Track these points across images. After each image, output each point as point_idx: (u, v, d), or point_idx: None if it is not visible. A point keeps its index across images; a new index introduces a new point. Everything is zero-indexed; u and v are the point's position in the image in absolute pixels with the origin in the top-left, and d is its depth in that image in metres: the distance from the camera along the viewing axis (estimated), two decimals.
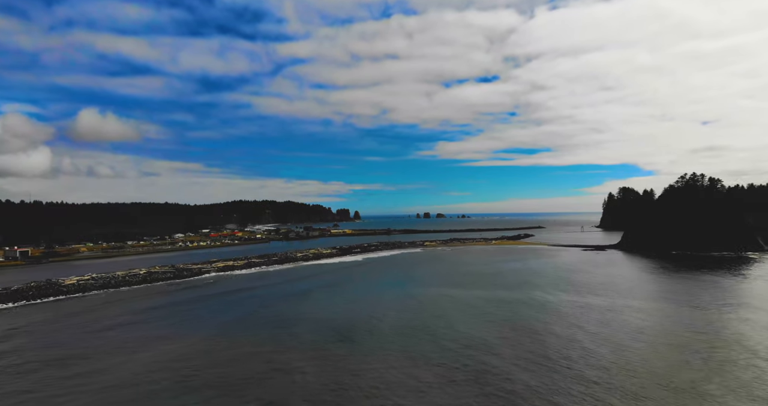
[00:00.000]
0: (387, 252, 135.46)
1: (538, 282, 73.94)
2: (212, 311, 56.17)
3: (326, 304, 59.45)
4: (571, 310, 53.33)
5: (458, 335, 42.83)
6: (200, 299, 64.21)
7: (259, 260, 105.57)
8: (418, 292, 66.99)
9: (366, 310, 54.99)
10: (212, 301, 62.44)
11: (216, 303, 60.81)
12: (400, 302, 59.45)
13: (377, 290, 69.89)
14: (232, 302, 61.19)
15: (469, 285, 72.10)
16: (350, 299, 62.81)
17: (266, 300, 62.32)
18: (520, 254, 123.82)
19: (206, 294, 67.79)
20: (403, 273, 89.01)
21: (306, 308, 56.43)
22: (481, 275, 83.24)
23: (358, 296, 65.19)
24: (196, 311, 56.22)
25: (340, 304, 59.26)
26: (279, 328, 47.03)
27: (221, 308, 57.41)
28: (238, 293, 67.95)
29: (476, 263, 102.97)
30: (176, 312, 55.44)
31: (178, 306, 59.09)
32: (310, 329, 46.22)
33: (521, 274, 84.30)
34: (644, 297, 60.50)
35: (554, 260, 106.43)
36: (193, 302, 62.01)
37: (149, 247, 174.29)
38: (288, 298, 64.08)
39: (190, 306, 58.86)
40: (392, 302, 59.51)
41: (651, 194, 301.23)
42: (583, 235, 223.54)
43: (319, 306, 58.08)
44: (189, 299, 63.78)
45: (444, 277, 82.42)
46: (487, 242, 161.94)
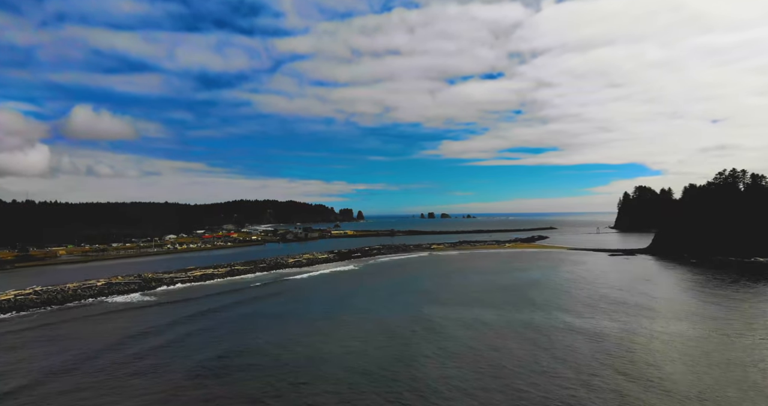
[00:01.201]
0: (390, 256, 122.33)
1: (579, 300, 60.48)
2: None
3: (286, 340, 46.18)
4: (644, 348, 39.81)
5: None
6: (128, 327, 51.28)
7: (244, 267, 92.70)
8: (428, 317, 53.64)
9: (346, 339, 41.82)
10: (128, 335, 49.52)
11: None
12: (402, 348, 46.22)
13: (373, 310, 56.67)
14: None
15: (490, 303, 58.72)
16: (321, 335, 49.49)
17: (212, 334, 49.07)
18: (540, 260, 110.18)
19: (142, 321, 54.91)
20: (407, 287, 75.63)
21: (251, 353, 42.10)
22: (501, 290, 69.76)
23: (338, 325, 51.95)
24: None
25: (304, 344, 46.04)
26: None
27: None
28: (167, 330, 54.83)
29: (491, 272, 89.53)
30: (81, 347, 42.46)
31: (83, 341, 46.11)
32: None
33: (550, 288, 70.76)
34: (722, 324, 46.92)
35: (580, 269, 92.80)
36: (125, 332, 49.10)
37: (135, 249, 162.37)
38: (243, 328, 50.96)
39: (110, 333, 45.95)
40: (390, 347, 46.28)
41: (669, 193, 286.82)
42: (601, 237, 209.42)
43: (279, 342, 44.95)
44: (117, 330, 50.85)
45: (457, 291, 69.02)
46: (500, 245, 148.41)
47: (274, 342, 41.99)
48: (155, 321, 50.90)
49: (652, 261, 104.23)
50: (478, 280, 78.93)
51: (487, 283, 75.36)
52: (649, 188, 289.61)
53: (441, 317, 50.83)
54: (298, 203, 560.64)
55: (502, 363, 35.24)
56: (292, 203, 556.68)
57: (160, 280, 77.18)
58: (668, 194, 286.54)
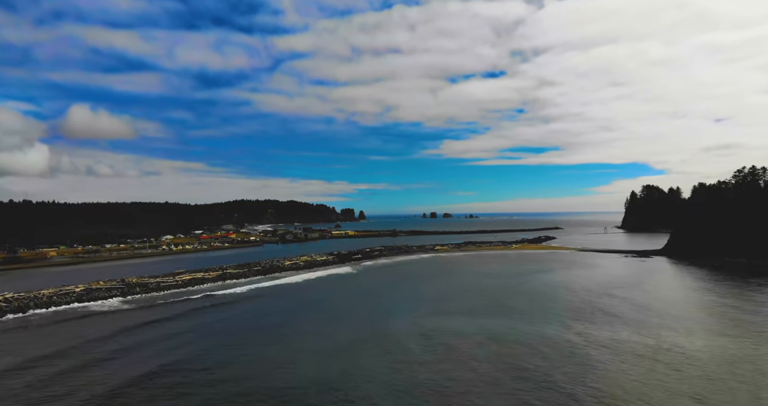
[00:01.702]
0: (392, 258, 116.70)
1: (600, 308, 54.73)
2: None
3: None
4: (694, 368, 34.10)
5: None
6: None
7: (237, 270, 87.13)
8: (435, 332, 47.99)
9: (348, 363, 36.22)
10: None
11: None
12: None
13: (364, 320, 51.04)
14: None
15: (500, 312, 53.01)
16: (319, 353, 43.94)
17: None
18: (550, 262, 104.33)
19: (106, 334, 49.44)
20: (410, 293, 69.94)
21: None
22: (511, 297, 64.02)
23: (331, 341, 46.33)
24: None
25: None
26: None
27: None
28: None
29: (499, 275, 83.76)
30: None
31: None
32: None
33: (566, 294, 65.00)
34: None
35: (596, 273, 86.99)
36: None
37: (129, 250, 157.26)
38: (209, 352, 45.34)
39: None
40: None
41: (677, 193, 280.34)
42: (609, 237, 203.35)
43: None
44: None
45: (463, 299, 63.31)
46: (507, 246, 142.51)
47: (224, 358, 36.85)
48: (100, 333, 45.54)
49: (669, 264, 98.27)
50: (486, 284, 73.15)
51: (495, 288, 69.59)
52: (657, 187, 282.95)
53: (445, 331, 45.14)
54: (299, 203, 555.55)
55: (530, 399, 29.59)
56: (293, 203, 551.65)
57: (145, 285, 71.70)
58: (677, 194, 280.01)
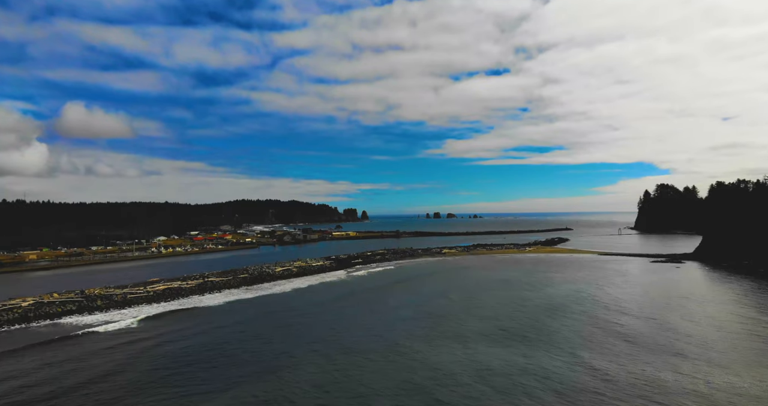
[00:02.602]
0: (396, 262, 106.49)
1: (647, 335, 44.35)
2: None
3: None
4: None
5: None
6: None
7: (221, 278, 77.07)
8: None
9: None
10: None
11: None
12: None
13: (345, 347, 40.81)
14: None
15: (521, 338, 42.71)
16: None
17: None
18: (572, 268, 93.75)
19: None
20: (412, 307, 59.62)
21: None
22: (536, 315, 53.66)
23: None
24: None
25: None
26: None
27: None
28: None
29: (517, 285, 73.25)
30: None
31: None
32: None
33: (601, 311, 54.58)
34: None
35: (626, 281, 76.45)
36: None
37: (116, 253, 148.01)
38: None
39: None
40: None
41: (693, 192, 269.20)
42: (624, 239, 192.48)
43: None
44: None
45: (481, 316, 52.98)
46: (520, 249, 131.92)
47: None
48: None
49: (706, 271, 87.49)
50: (502, 298, 62.70)
51: (514, 303, 59.19)
52: (672, 186, 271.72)
53: (454, 369, 34.90)
54: (300, 203, 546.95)
55: None
56: (295, 203, 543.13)
57: (108, 298, 61.83)
58: (692, 193, 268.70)
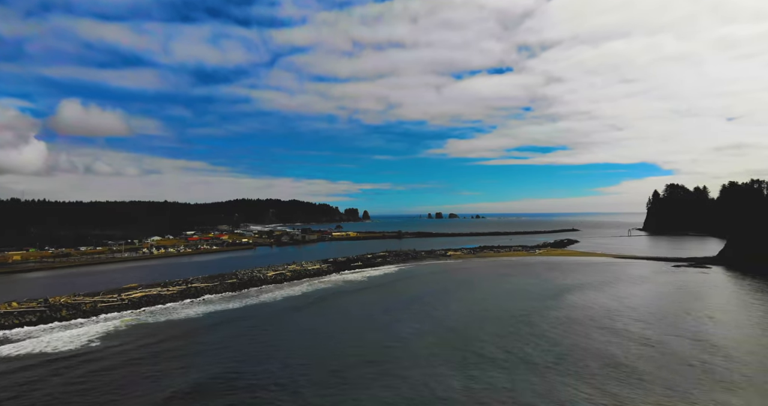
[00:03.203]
0: (398, 266, 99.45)
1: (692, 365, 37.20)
2: None
3: None
4: None
5: None
6: None
7: (206, 284, 70.07)
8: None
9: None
10: None
11: None
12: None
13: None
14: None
15: (548, 367, 35.57)
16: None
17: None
18: (588, 272, 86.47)
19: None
20: (409, 322, 52.48)
21: None
22: (556, 335, 46.45)
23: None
24: None
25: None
26: None
27: None
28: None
29: (530, 293, 65.97)
30: None
31: None
32: None
33: (634, 327, 47.36)
34: None
35: (652, 290, 69.24)
36: None
37: (106, 254, 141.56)
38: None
39: None
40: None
41: (704, 192, 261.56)
42: (636, 241, 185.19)
43: None
44: None
45: (495, 335, 45.85)
46: (529, 251, 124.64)
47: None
48: None
49: (737, 278, 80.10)
50: (515, 310, 55.46)
51: (533, 315, 52.03)
52: (682, 186, 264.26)
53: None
54: (301, 203, 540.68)
55: None
56: (296, 203, 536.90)
57: (75, 307, 54.96)
58: (703, 193, 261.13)
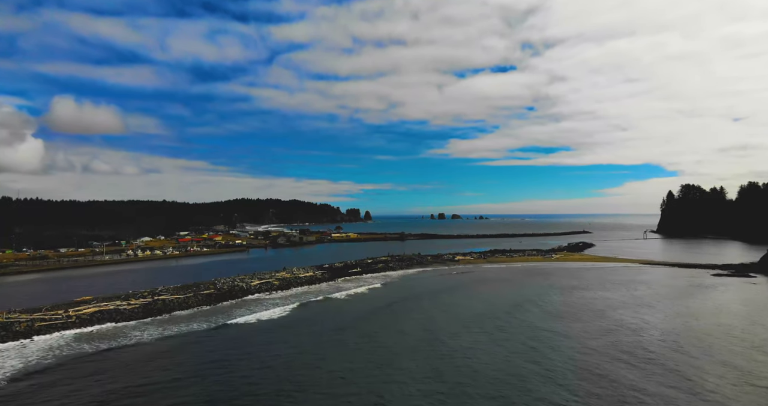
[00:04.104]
0: (401, 272, 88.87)
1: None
2: None
3: None
4: None
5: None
6: None
7: (176, 296, 59.48)
8: None
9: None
10: None
11: None
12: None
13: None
14: None
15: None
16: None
17: None
18: (620, 282, 75.50)
19: None
20: (421, 356, 41.64)
21: None
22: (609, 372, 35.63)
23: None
24: None
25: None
26: None
27: None
28: None
29: (561, 311, 55.33)
30: None
31: None
32: None
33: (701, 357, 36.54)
34: None
35: (703, 306, 58.43)
36: None
37: (88, 256, 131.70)
38: None
39: None
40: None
41: (722, 192, 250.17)
42: (654, 244, 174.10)
43: None
44: None
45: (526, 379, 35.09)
46: (545, 256, 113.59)
47: None
48: None
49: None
50: (553, 342, 44.72)
51: (572, 347, 41.31)
52: (698, 187, 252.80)
53: None
54: (302, 203, 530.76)
55: None
56: (296, 203, 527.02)
57: (6, 327, 44.47)
58: (720, 194, 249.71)
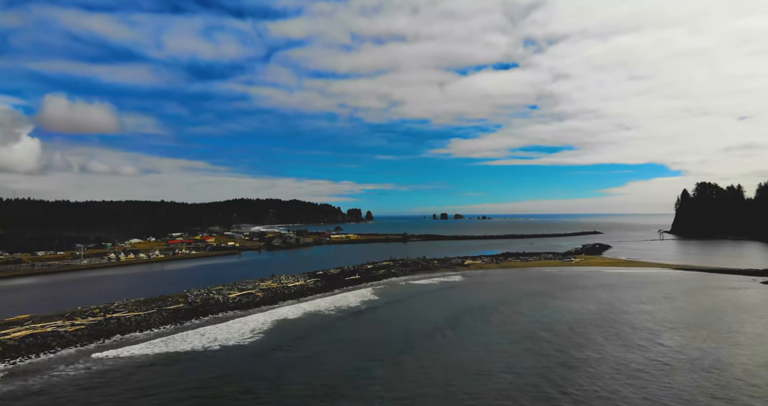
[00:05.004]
0: (405, 279, 78.77)
1: None
2: None
3: None
4: None
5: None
6: None
7: (136, 313, 49.48)
8: None
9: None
10: None
11: None
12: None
13: None
14: None
15: None
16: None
17: None
18: (659, 293, 65.22)
19: None
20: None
21: None
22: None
23: None
24: None
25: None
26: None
27: None
28: None
29: (608, 337, 45.09)
30: None
31: None
32: None
33: None
34: None
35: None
36: None
37: (67, 259, 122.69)
38: None
39: None
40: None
41: (739, 191, 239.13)
42: (672, 246, 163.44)
43: None
44: None
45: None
46: (564, 260, 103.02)
47: None
48: None
49: None
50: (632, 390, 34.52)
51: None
52: (715, 185, 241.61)
53: None
54: (302, 203, 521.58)
55: None
56: (296, 203, 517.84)
57: None
58: (738, 192, 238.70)
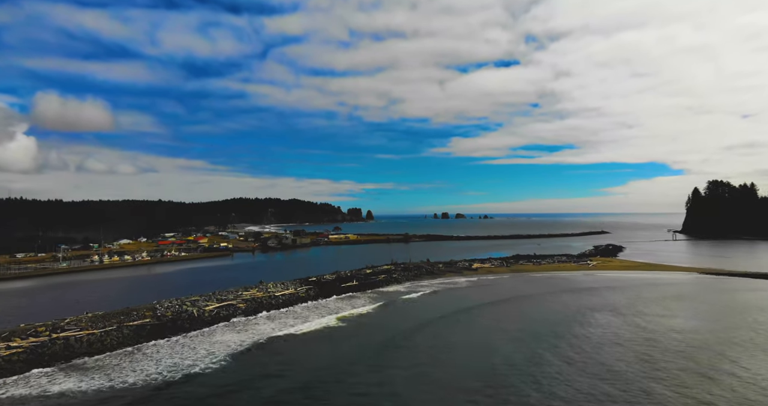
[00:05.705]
0: (407, 286, 70.92)
1: None
2: None
3: None
4: None
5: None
6: None
7: (93, 331, 41.67)
8: None
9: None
10: None
11: None
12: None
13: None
14: None
15: None
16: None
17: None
18: (705, 311, 57.46)
19: None
20: None
21: None
22: None
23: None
24: None
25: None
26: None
27: None
28: None
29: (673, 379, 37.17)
30: None
31: None
32: None
33: None
34: None
35: None
36: None
37: (46, 262, 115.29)
38: None
39: None
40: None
41: (752, 189, 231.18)
42: (686, 247, 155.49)
43: None
44: None
45: None
46: (580, 264, 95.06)
47: None
48: None
49: None
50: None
51: None
52: (727, 183, 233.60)
53: None
54: (302, 202, 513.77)
55: None
56: (296, 202, 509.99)
57: None
58: (751, 191, 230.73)
